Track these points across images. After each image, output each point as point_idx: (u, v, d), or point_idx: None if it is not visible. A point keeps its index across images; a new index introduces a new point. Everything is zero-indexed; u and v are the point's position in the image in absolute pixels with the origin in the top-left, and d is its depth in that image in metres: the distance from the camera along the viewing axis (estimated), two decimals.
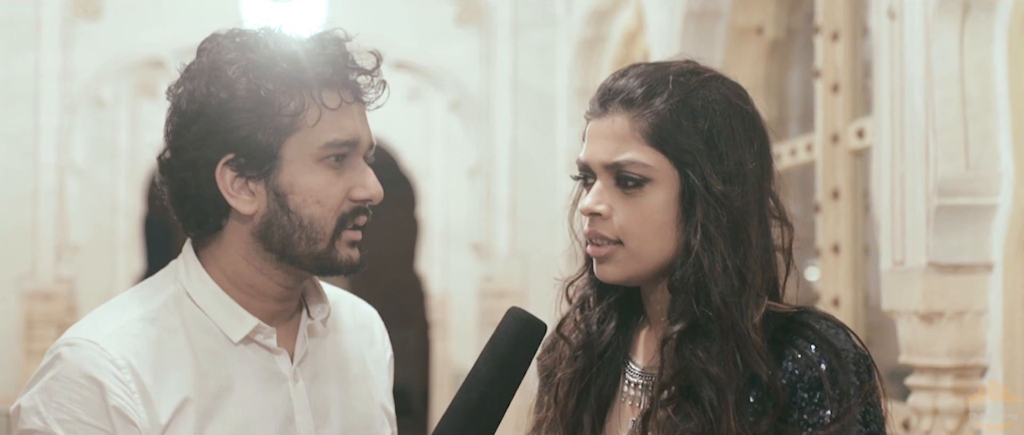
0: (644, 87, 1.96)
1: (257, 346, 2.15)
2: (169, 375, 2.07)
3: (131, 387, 2.03)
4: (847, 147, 4.85)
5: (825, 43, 4.96)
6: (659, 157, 1.94)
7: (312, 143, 2.09)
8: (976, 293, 3.50)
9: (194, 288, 2.15)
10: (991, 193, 3.49)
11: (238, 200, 2.10)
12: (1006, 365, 3.44)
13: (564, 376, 2.06)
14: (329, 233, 2.10)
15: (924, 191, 3.55)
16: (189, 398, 2.06)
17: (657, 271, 1.97)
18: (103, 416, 2.01)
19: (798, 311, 1.96)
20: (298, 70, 2.08)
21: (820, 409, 1.88)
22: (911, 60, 3.62)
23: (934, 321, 3.53)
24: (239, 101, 2.07)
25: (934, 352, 3.53)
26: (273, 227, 2.11)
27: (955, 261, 3.51)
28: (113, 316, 2.13)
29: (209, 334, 2.13)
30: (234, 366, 2.12)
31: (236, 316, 2.14)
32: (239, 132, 2.08)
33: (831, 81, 4.92)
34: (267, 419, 2.13)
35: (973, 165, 3.48)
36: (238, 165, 2.09)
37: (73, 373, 2.03)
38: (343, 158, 2.11)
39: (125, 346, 2.06)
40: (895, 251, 3.71)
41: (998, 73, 3.48)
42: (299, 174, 2.09)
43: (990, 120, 3.48)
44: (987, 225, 3.49)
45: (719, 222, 1.91)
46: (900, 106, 3.69)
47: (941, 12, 3.50)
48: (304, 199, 2.09)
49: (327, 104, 2.09)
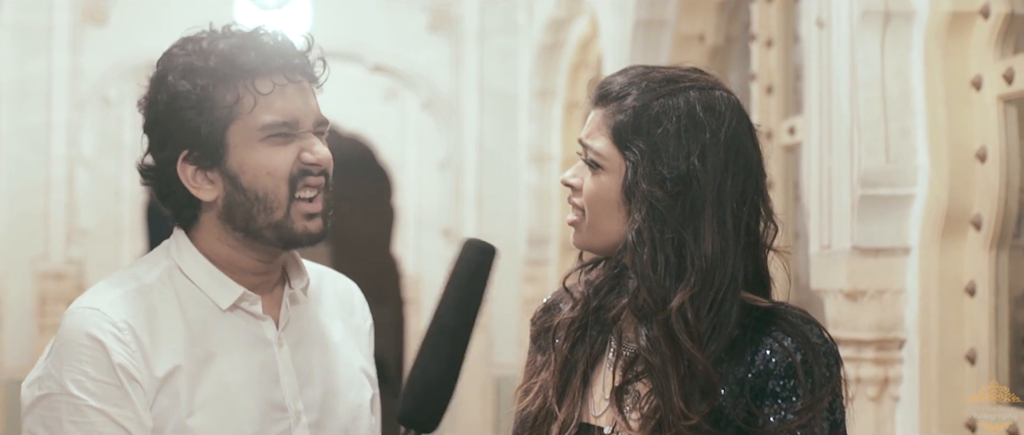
0: (622, 87, 1.98)
1: (244, 313, 2.15)
2: (163, 340, 2.07)
3: (132, 347, 2.03)
4: (780, 143, 4.86)
5: (760, 49, 4.96)
6: (613, 149, 1.96)
7: (252, 127, 2.09)
8: (895, 274, 3.51)
9: (185, 262, 2.15)
10: (909, 184, 3.49)
11: (200, 190, 2.12)
12: (921, 338, 3.45)
13: (564, 321, 2.07)
14: (284, 200, 2.10)
15: (849, 182, 3.55)
16: (179, 365, 2.06)
17: (613, 247, 1.99)
18: (110, 372, 2.00)
19: (774, 305, 1.96)
20: (231, 64, 2.09)
21: (793, 396, 1.88)
22: (837, 65, 3.62)
23: (857, 299, 3.53)
24: (182, 101, 2.09)
25: (857, 327, 3.53)
26: (234, 207, 2.11)
27: (876, 245, 3.51)
28: (111, 287, 2.13)
29: (199, 304, 2.13)
30: (223, 332, 2.12)
31: (223, 285, 2.14)
32: (187, 129, 2.09)
33: (765, 83, 4.92)
34: (253, 380, 2.12)
35: (893, 159, 3.49)
36: (194, 158, 2.11)
37: (78, 336, 2.03)
38: (286, 136, 2.10)
39: (124, 310, 2.06)
40: (823, 236, 3.71)
41: (915, 76, 3.49)
42: (246, 156, 2.10)
43: (908, 118, 3.49)
44: (905, 213, 3.50)
45: (650, 220, 1.91)
46: (827, 106, 3.69)
47: (864, 22, 3.50)
48: (255, 175, 2.10)
49: (260, 90, 2.09)
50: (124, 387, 2.01)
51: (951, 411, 3.38)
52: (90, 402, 2.00)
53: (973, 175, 3.39)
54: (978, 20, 3.40)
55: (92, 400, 2.00)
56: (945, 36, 3.42)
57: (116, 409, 2.00)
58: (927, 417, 3.41)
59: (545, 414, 2.04)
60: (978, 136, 3.39)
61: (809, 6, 3.85)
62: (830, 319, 3.61)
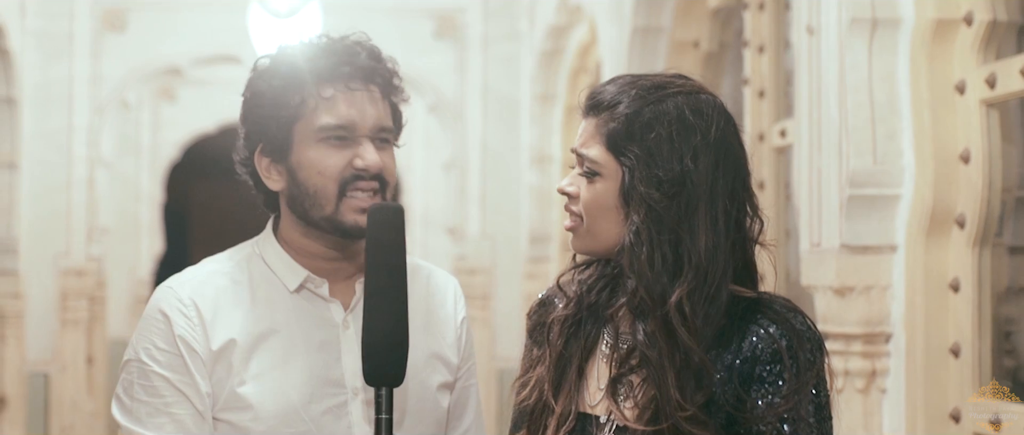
0: (613, 96, 2.00)
1: (311, 294, 2.28)
2: (224, 316, 2.23)
3: (194, 321, 2.21)
4: (771, 145, 4.85)
5: (752, 55, 4.95)
6: (608, 157, 1.97)
7: (311, 126, 2.22)
8: (882, 271, 3.50)
9: (265, 249, 2.31)
10: (895, 185, 3.49)
11: (270, 180, 2.27)
12: (908, 333, 3.44)
13: (557, 318, 2.09)
14: (332, 198, 2.21)
15: (837, 182, 3.55)
16: (235, 339, 2.21)
17: (612, 250, 2.00)
18: (173, 343, 2.19)
19: (759, 295, 1.97)
20: (301, 68, 2.22)
21: (779, 380, 1.90)
22: (826, 70, 3.62)
23: (846, 295, 3.53)
24: (259, 99, 2.25)
25: (846, 322, 3.53)
26: (294, 198, 2.25)
27: (864, 243, 3.51)
28: (196, 269, 2.32)
29: (270, 285, 2.28)
30: (287, 312, 2.26)
31: (291, 269, 2.28)
32: (261, 125, 2.25)
33: (758, 88, 4.92)
34: (311, 355, 2.23)
35: (880, 160, 3.48)
36: (267, 152, 2.26)
37: (152, 311, 2.24)
38: (342, 138, 2.22)
39: (194, 290, 2.24)
40: (812, 234, 3.71)
41: (901, 81, 3.48)
42: (304, 153, 2.22)
43: (894, 121, 3.48)
44: (892, 212, 3.49)
45: (646, 220, 1.93)
46: (817, 109, 3.69)
47: (853, 29, 3.49)
48: (309, 172, 2.22)
49: (322, 95, 2.21)
50: (184, 357, 2.19)
51: (936, 403, 3.38)
52: (155, 368, 2.20)
53: (957, 176, 3.39)
54: (962, 27, 3.39)
55: (157, 367, 2.20)
56: (930, 42, 3.41)
57: (177, 376, 2.19)
58: (913, 408, 3.40)
59: (542, 407, 2.06)
60: (962, 138, 3.38)
61: (799, 14, 3.85)
62: (820, 314, 3.61)
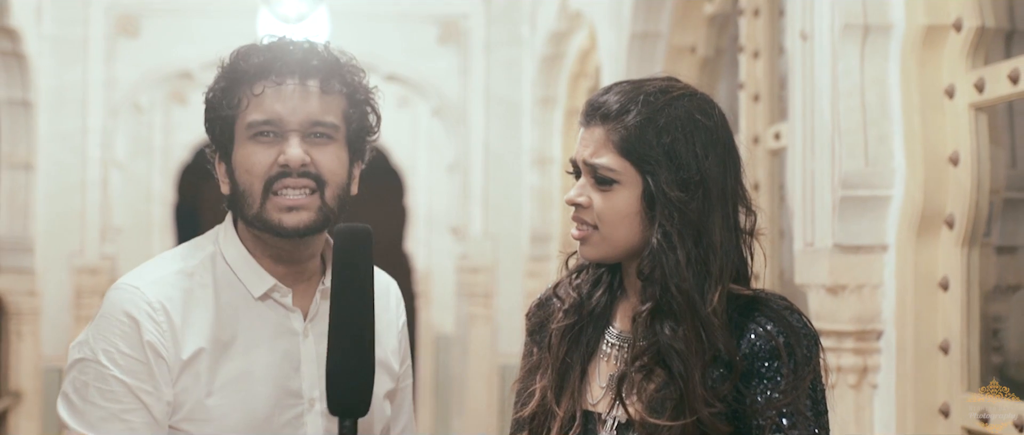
0: (619, 104, 1.97)
1: (274, 303, 2.16)
2: (193, 322, 2.09)
3: (163, 326, 2.06)
4: (766, 147, 4.85)
5: (748, 60, 4.95)
6: (626, 164, 1.95)
7: (243, 124, 2.11)
8: (873, 270, 3.50)
9: (227, 250, 2.17)
10: (886, 186, 3.48)
11: (222, 182, 2.16)
12: (898, 330, 3.44)
13: (557, 328, 2.07)
14: (258, 196, 2.09)
15: (830, 184, 3.55)
16: (204, 348, 2.08)
17: (628, 253, 2.00)
18: (139, 349, 2.04)
19: (756, 293, 1.98)
20: (238, 69, 2.12)
21: (778, 376, 1.91)
22: (819, 75, 3.62)
23: (838, 293, 3.52)
24: (209, 102, 2.17)
25: (838, 319, 3.53)
26: (233, 199, 2.14)
27: (856, 243, 3.51)
28: (156, 267, 2.17)
29: (234, 291, 2.14)
30: (251, 320, 2.13)
31: (258, 275, 2.15)
32: (210, 127, 2.16)
33: (753, 92, 4.91)
34: (274, 367, 2.12)
35: (871, 162, 3.48)
36: (217, 155, 2.17)
37: (116, 312, 2.07)
38: (273, 134, 2.10)
39: (161, 292, 2.09)
40: (806, 234, 3.71)
41: (892, 86, 3.48)
42: (238, 151, 2.11)
43: (885, 125, 3.48)
44: (883, 213, 3.49)
45: (676, 222, 1.93)
46: (810, 113, 3.68)
47: (845, 35, 3.49)
48: (240, 171, 2.11)
49: (254, 91, 2.10)
50: (149, 363, 2.04)
51: (926, 398, 3.38)
52: (115, 373, 2.04)
53: (946, 178, 3.39)
54: (951, 33, 3.39)
55: (117, 371, 2.04)
56: (920, 48, 3.41)
57: (137, 382, 2.04)
58: (903, 404, 3.40)
59: (545, 413, 2.05)
60: (951, 141, 3.38)
61: (793, 20, 3.85)
62: (813, 312, 3.60)
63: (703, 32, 5.78)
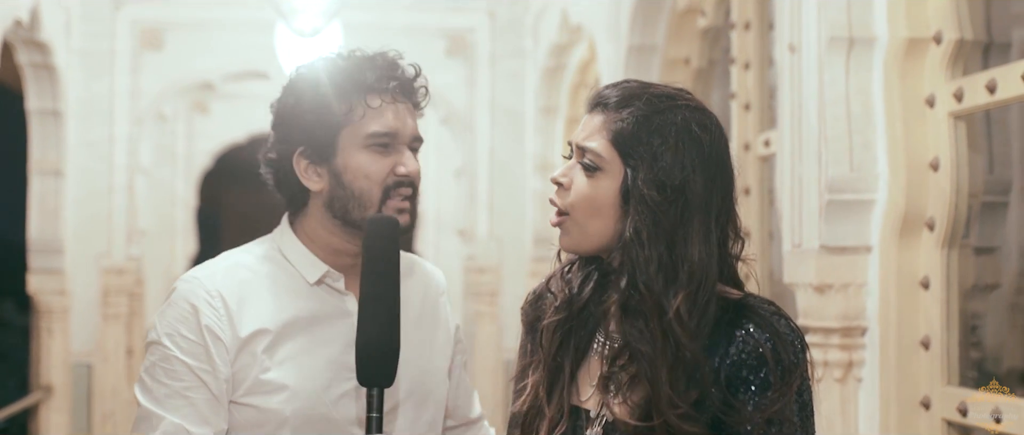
0: (624, 98, 1.94)
1: (328, 288, 2.28)
2: (251, 306, 2.21)
3: (220, 312, 2.19)
4: (756, 154, 4.85)
5: (739, 71, 4.95)
6: (613, 153, 1.90)
7: (359, 133, 2.21)
8: (858, 270, 3.50)
9: (284, 244, 2.30)
10: (871, 190, 3.48)
11: (309, 181, 2.25)
12: (882, 327, 3.44)
13: (548, 324, 2.02)
14: (376, 201, 2.21)
15: (817, 188, 3.55)
16: (261, 329, 2.20)
17: (603, 247, 1.94)
18: (198, 332, 2.17)
19: (744, 297, 1.92)
20: (348, 79, 2.22)
21: (765, 383, 1.84)
22: (807, 85, 3.62)
23: (825, 292, 3.52)
24: (304, 105, 2.23)
25: (825, 316, 3.53)
26: (335, 199, 2.23)
27: (841, 244, 3.51)
28: (215, 262, 2.30)
29: (291, 278, 2.27)
30: (307, 303, 2.25)
31: (312, 264, 2.27)
32: (304, 129, 2.23)
33: (744, 101, 4.92)
34: (328, 344, 2.23)
35: (856, 168, 3.48)
36: (307, 154, 2.24)
37: (179, 300, 2.21)
38: (386, 146, 2.22)
39: (219, 282, 2.22)
40: (794, 236, 3.71)
41: (876, 95, 3.48)
42: (350, 158, 2.21)
43: (869, 132, 3.48)
44: (867, 216, 3.49)
45: (647, 223, 1.86)
46: (798, 121, 3.69)
47: (831, 47, 3.49)
48: (355, 176, 2.21)
49: (370, 104, 2.22)
50: (208, 346, 2.17)
51: (908, 391, 3.38)
52: (177, 354, 2.17)
53: (927, 183, 3.39)
54: (931, 46, 3.39)
55: (179, 353, 2.17)
56: (902, 60, 3.41)
57: (197, 363, 2.17)
58: (886, 397, 3.40)
59: (536, 411, 2.00)
60: (931, 148, 3.38)
61: (782, 33, 3.85)
62: (800, 310, 3.60)
63: (697, 44, 5.78)
